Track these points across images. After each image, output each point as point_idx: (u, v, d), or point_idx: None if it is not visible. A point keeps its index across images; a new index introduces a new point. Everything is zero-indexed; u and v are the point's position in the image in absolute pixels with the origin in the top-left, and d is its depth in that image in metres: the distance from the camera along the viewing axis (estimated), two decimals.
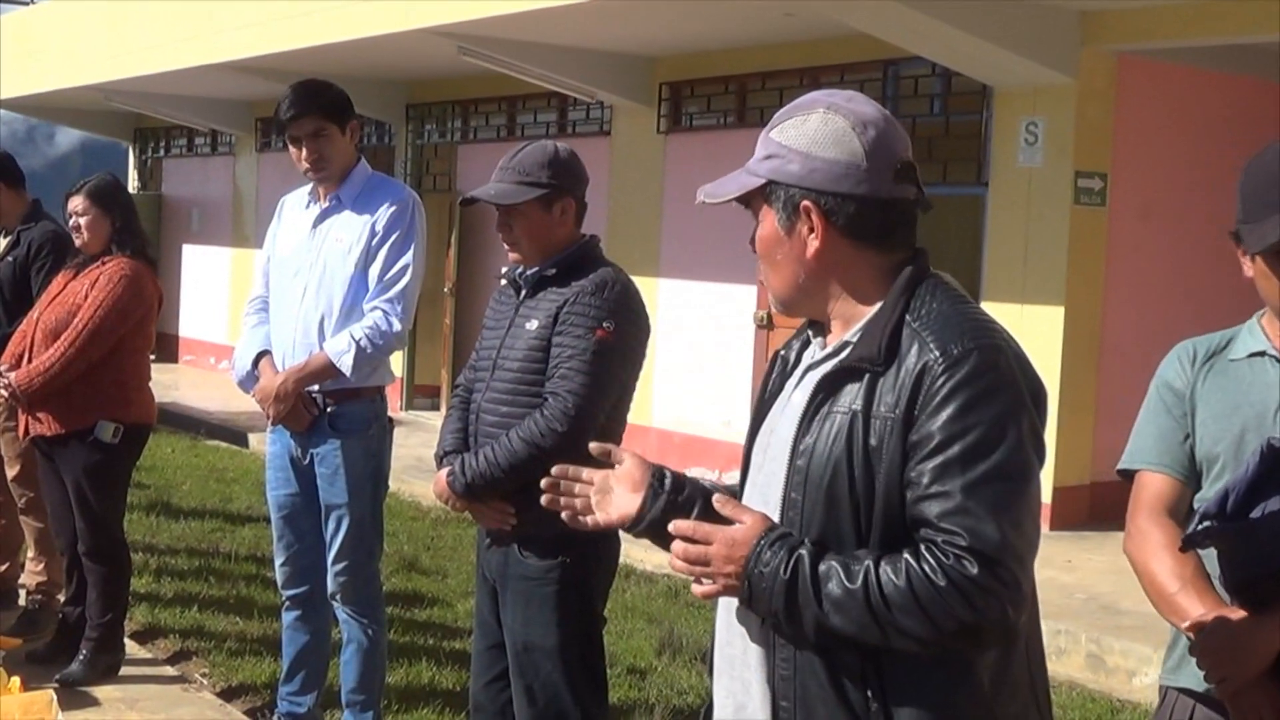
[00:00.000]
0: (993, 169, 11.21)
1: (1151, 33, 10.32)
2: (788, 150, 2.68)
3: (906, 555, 2.49)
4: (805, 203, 2.66)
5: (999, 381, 2.53)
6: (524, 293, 4.77)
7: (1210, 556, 3.35)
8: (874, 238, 2.69)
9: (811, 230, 2.67)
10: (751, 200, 2.75)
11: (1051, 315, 10.53)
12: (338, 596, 5.73)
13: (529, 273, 4.75)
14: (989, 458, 2.48)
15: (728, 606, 2.79)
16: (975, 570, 2.44)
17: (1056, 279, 10.70)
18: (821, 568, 2.51)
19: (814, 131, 2.67)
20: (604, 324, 4.59)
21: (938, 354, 2.53)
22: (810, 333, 2.85)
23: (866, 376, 2.59)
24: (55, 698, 3.98)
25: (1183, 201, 11.12)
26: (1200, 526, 3.19)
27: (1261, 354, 3.49)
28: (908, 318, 2.61)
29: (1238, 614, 3.25)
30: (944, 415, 2.50)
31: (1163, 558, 3.42)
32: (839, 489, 2.57)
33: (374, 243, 5.64)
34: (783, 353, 2.90)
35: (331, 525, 5.70)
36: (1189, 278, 11.03)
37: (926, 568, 2.46)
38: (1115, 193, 10.74)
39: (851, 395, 2.60)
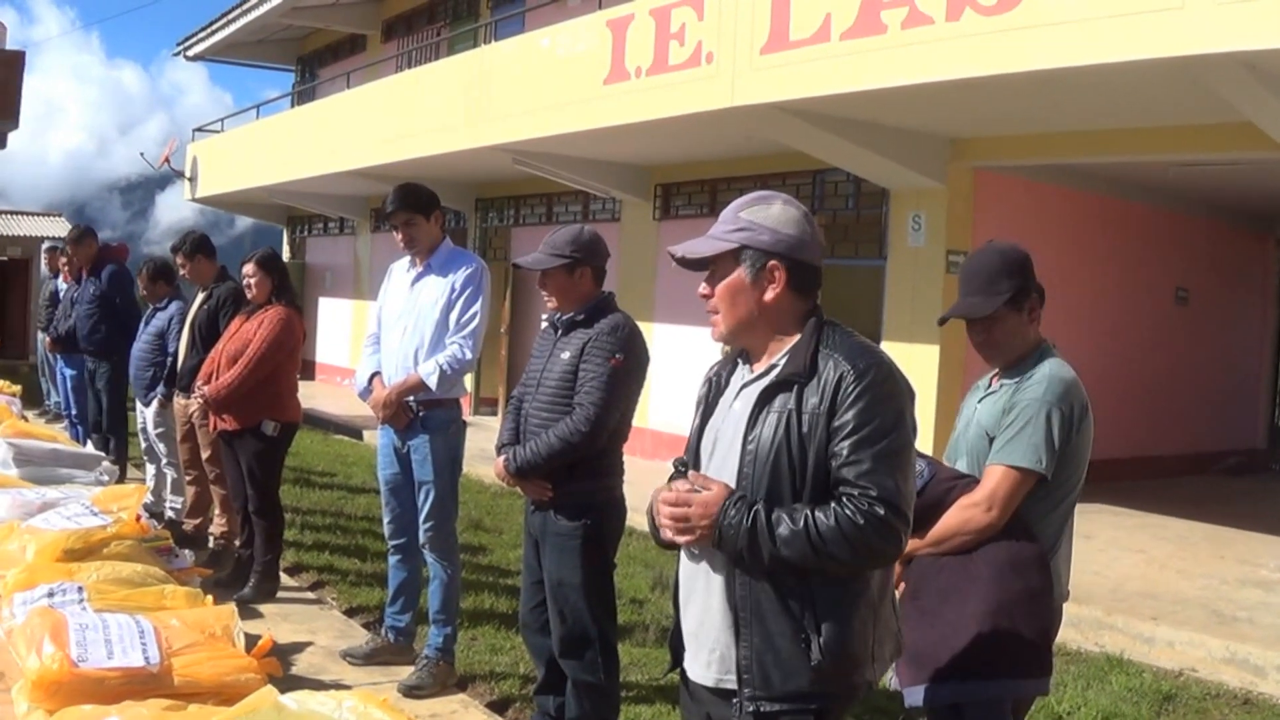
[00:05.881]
0: (890, 248, 11.15)
1: (998, 154, 10.36)
2: (759, 226, 2.72)
3: (834, 505, 2.56)
4: (773, 263, 2.71)
5: (892, 386, 2.62)
6: (559, 332, 4.77)
7: None
8: (805, 291, 2.75)
9: (772, 283, 2.72)
10: (718, 259, 2.76)
11: (931, 352, 10.49)
12: (426, 546, 5.73)
13: (563, 318, 4.76)
14: (889, 436, 2.57)
15: (689, 557, 2.80)
16: (884, 512, 2.53)
17: (934, 327, 10.56)
18: (773, 516, 2.57)
19: (778, 215, 2.73)
20: (617, 355, 4.60)
21: (849, 367, 2.60)
22: (739, 360, 2.87)
23: (795, 387, 2.64)
24: (235, 610, 4.02)
25: None
26: None
27: (982, 386, 3.72)
28: (820, 345, 2.67)
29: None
30: (857, 408, 2.57)
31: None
32: (781, 463, 2.62)
33: (453, 297, 5.64)
34: (713, 377, 2.92)
35: (422, 495, 5.70)
36: None
37: (849, 511, 2.53)
38: None
39: (784, 400, 2.64)
